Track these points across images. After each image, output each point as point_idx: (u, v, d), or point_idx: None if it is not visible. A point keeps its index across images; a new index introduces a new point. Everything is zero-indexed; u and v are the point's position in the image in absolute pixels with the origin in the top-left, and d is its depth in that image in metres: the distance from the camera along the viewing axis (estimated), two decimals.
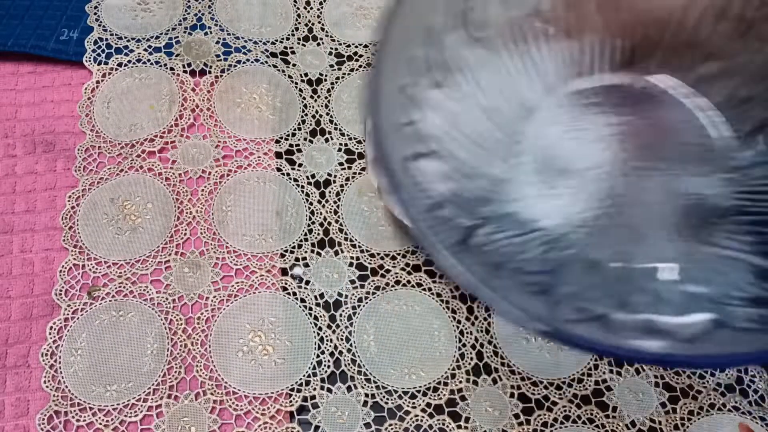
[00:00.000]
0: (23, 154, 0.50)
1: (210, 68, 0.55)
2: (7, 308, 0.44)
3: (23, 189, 0.49)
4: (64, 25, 0.56)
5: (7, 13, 0.56)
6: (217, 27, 0.57)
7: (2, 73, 0.54)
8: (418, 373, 0.44)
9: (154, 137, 0.51)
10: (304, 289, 0.46)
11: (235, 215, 0.49)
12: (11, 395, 0.42)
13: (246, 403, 0.42)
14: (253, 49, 0.56)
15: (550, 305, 0.28)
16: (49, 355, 0.42)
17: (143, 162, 0.50)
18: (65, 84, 0.54)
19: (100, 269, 0.46)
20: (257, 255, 0.47)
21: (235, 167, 0.51)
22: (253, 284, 0.46)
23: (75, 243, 0.46)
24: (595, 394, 0.44)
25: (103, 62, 0.54)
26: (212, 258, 0.47)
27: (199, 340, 0.44)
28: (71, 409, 0.41)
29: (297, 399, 0.42)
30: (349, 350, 0.44)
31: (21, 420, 0.41)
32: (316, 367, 0.44)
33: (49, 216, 0.48)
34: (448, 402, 0.43)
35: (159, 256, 0.47)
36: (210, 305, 0.45)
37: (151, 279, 0.46)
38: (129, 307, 0.45)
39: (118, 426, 0.41)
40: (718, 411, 0.44)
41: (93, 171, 0.49)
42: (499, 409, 0.43)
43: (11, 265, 0.46)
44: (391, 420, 0.42)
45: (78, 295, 0.45)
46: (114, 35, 0.55)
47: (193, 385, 0.43)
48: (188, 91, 0.54)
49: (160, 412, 0.42)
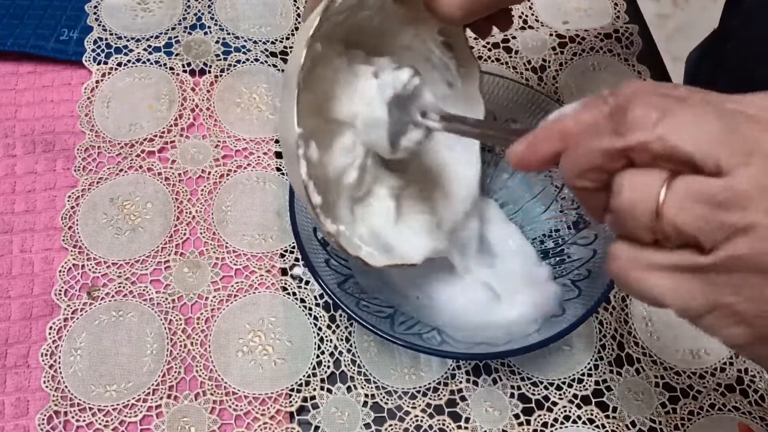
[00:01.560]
0: (23, 153, 0.50)
1: (210, 68, 0.55)
2: (7, 308, 0.44)
3: (23, 189, 0.49)
4: (64, 24, 0.56)
5: (6, 13, 0.56)
6: (216, 26, 0.57)
7: (2, 72, 0.54)
8: (418, 374, 0.44)
9: (154, 137, 0.51)
10: (304, 289, 0.46)
11: (235, 215, 0.49)
12: (11, 395, 0.42)
13: (246, 404, 0.42)
14: (252, 49, 0.56)
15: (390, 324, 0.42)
16: (48, 355, 0.42)
17: (143, 162, 0.50)
18: (65, 84, 0.54)
19: (99, 269, 0.46)
20: (257, 255, 0.47)
21: (234, 167, 0.51)
22: (253, 284, 0.46)
23: (74, 243, 0.46)
24: (596, 394, 0.44)
25: (103, 62, 0.54)
26: (212, 258, 0.47)
27: (199, 340, 0.44)
28: (71, 409, 0.41)
29: (297, 399, 0.42)
30: (349, 350, 0.44)
31: (21, 420, 0.41)
32: (316, 368, 0.44)
33: (49, 216, 0.48)
34: (448, 402, 0.43)
35: (158, 256, 0.47)
36: (210, 305, 0.45)
37: (150, 279, 0.46)
38: (128, 307, 0.44)
39: (117, 426, 0.41)
40: (718, 411, 0.44)
41: (92, 171, 0.49)
42: (500, 409, 0.43)
43: (11, 265, 0.46)
44: (391, 420, 0.42)
45: (78, 295, 0.45)
46: (114, 35, 0.55)
47: (192, 385, 0.43)
48: (188, 90, 0.53)
49: (160, 412, 0.42)
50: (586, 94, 0.55)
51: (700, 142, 0.24)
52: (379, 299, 0.44)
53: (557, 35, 0.60)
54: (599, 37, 0.60)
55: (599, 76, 0.58)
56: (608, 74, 0.58)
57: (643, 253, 0.25)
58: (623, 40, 0.60)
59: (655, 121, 0.24)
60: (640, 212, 0.25)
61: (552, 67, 0.58)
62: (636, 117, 0.25)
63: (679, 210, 0.24)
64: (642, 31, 0.60)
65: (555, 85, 0.57)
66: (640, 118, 0.25)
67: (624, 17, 0.61)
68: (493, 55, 0.58)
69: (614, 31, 0.60)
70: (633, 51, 0.59)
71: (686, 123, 0.24)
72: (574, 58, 0.58)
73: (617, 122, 0.25)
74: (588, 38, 0.60)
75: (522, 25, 0.60)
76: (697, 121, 0.24)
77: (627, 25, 0.60)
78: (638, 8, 0.62)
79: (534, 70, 0.58)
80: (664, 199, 0.24)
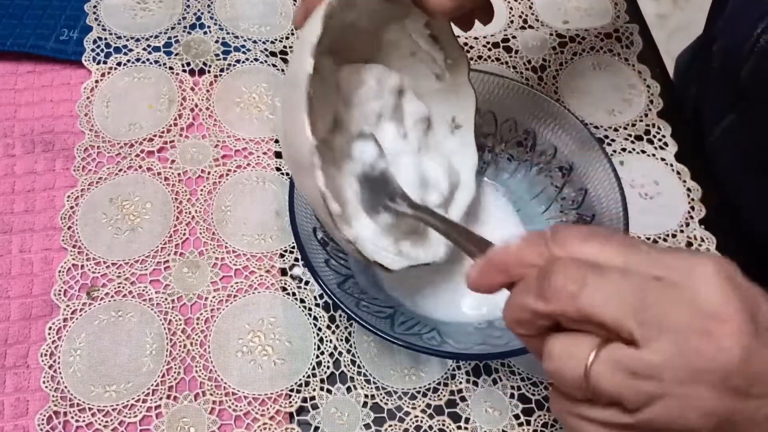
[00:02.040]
0: (22, 153, 0.50)
1: (209, 67, 0.54)
2: (7, 308, 0.44)
3: (22, 189, 0.49)
4: (64, 24, 0.56)
5: (6, 12, 0.56)
6: (216, 26, 0.57)
7: (1, 72, 0.54)
8: (418, 374, 0.44)
9: (153, 137, 0.51)
10: (303, 289, 0.46)
11: (235, 215, 0.48)
12: (11, 395, 0.42)
13: (245, 404, 0.42)
14: (252, 49, 0.56)
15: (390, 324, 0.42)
16: (48, 356, 0.42)
17: (142, 162, 0.50)
18: (64, 83, 0.54)
19: (99, 269, 0.46)
20: (256, 255, 0.47)
21: (234, 167, 0.50)
22: (253, 284, 0.46)
23: (74, 243, 0.46)
24: None
25: (102, 62, 0.54)
26: (211, 258, 0.47)
27: (199, 341, 0.44)
28: (70, 409, 0.41)
29: (296, 400, 0.42)
30: (348, 351, 0.44)
31: (20, 420, 0.41)
32: (316, 368, 0.43)
33: (48, 216, 0.48)
34: (448, 402, 0.43)
35: (158, 256, 0.46)
36: (209, 305, 0.45)
37: (150, 279, 0.46)
38: (128, 308, 0.44)
39: (117, 426, 0.41)
40: None
41: (92, 171, 0.49)
42: (500, 409, 0.43)
43: (10, 265, 0.46)
44: (391, 421, 0.42)
45: (77, 295, 0.45)
46: (113, 35, 0.55)
47: (192, 385, 0.43)
48: (187, 90, 0.53)
49: (160, 412, 0.41)
50: (587, 94, 0.56)
51: (615, 316, 0.26)
52: (379, 299, 0.44)
53: (557, 35, 0.60)
54: (599, 37, 0.60)
55: (599, 75, 0.58)
56: (608, 74, 0.58)
57: (578, 407, 0.28)
58: (623, 39, 0.59)
59: (572, 294, 0.27)
60: (569, 379, 0.27)
61: (552, 67, 0.58)
62: (557, 287, 0.27)
63: (603, 378, 0.26)
64: (642, 30, 0.60)
65: (555, 84, 0.57)
66: (560, 288, 0.27)
67: (624, 17, 0.61)
68: (493, 55, 0.58)
69: (614, 31, 0.60)
70: (633, 51, 0.59)
71: (602, 296, 0.26)
72: (574, 57, 0.58)
73: (541, 287, 0.28)
74: (588, 38, 0.60)
75: (522, 25, 0.60)
76: (612, 294, 0.26)
77: (627, 24, 0.60)
78: (638, 8, 0.62)
79: (534, 70, 0.58)
80: (590, 367, 0.26)
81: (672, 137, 0.54)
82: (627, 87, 0.57)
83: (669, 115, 0.55)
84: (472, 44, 0.58)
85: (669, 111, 0.56)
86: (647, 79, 0.57)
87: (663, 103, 0.56)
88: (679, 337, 0.25)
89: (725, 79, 0.55)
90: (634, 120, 0.55)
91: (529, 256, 0.29)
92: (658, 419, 0.26)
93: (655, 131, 0.55)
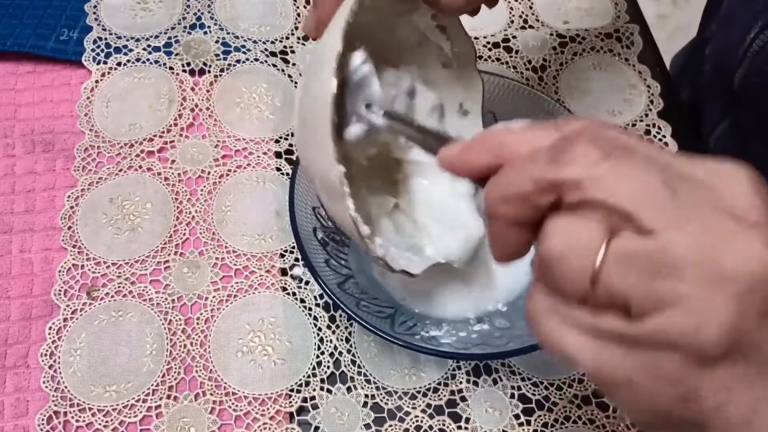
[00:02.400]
0: (22, 153, 0.50)
1: (209, 67, 0.54)
2: (7, 308, 0.44)
3: (22, 189, 0.49)
4: (64, 24, 0.56)
5: (6, 12, 0.56)
6: (216, 26, 0.57)
7: (1, 72, 0.54)
8: (419, 374, 0.44)
9: (153, 137, 0.51)
10: (303, 289, 0.46)
11: (235, 215, 0.48)
12: (11, 395, 0.42)
13: (245, 404, 0.42)
14: (252, 49, 0.56)
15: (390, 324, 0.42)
16: (48, 356, 0.42)
17: (142, 162, 0.50)
18: (64, 83, 0.54)
19: (99, 269, 0.46)
20: (257, 255, 0.47)
21: (234, 167, 0.50)
22: (253, 284, 0.46)
23: (74, 243, 0.46)
24: (596, 394, 0.44)
25: (103, 62, 0.54)
26: (211, 258, 0.47)
27: (199, 341, 0.44)
28: (71, 409, 0.41)
29: (297, 400, 0.42)
30: (349, 351, 0.44)
31: (20, 420, 0.41)
32: (316, 368, 0.43)
33: (48, 216, 0.48)
34: (448, 402, 0.43)
35: (158, 256, 0.46)
36: (209, 305, 0.45)
37: (150, 279, 0.46)
38: (128, 308, 0.44)
39: (117, 426, 0.41)
40: None
41: (92, 171, 0.49)
42: (500, 409, 0.43)
43: (10, 265, 0.46)
44: (391, 421, 0.42)
45: (77, 295, 0.45)
46: (113, 35, 0.55)
47: (192, 385, 0.43)
48: (187, 90, 0.53)
49: (160, 412, 0.41)
50: (587, 94, 0.56)
51: (636, 197, 0.22)
52: (379, 299, 0.44)
53: (557, 35, 0.60)
54: (599, 37, 0.60)
55: (599, 75, 0.58)
56: (608, 74, 0.58)
57: (565, 307, 0.24)
58: (623, 39, 0.59)
59: (595, 161, 0.23)
60: (571, 268, 0.23)
61: (552, 67, 0.58)
62: (577, 152, 0.23)
63: (614, 271, 0.22)
64: (642, 31, 0.60)
65: (555, 84, 0.57)
66: (581, 154, 0.23)
67: (624, 17, 0.61)
68: (494, 55, 0.58)
69: (614, 31, 0.60)
70: (633, 51, 0.59)
71: (626, 172, 0.23)
72: (575, 57, 0.58)
73: (558, 152, 0.24)
74: (588, 38, 0.60)
75: (522, 25, 0.60)
76: (637, 174, 0.23)
77: (627, 24, 0.60)
78: (638, 8, 0.62)
79: (534, 70, 0.58)
80: (603, 261, 0.22)
81: (672, 137, 0.54)
82: (627, 87, 0.57)
83: (669, 115, 0.56)
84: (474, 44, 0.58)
85: (669, 111, 0.56)
86: (647, 79, 0.57)
87: (663, 103, 0.56)
88: (706, 232, 0.22)
89: (718, 84, 0.54)
90: (634, 120, 0.55)
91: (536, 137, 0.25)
92: (666, 330, 0.22)
93: (656, 131, 0.55)
